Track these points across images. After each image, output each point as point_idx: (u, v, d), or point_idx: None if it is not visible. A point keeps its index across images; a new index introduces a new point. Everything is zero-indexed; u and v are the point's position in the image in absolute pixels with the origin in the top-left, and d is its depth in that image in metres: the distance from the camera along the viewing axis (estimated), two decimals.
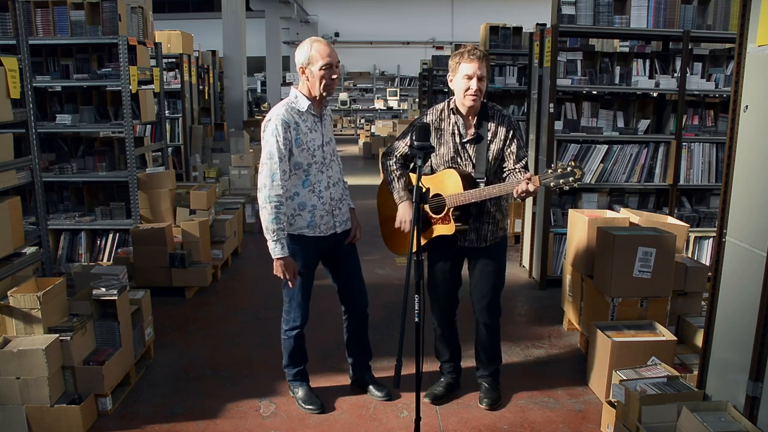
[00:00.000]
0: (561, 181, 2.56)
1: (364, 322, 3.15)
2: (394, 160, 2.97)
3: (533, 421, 2.97)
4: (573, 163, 2.57)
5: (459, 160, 2.86)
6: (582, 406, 3.10)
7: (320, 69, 2.71)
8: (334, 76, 2.75)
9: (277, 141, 2.72)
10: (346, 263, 3.05)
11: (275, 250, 2.77)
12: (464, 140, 2.85)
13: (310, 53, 2.72)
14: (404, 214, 2.90)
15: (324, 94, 2.78)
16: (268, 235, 2.77)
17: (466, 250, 2.95)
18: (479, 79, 2.71)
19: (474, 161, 2.84)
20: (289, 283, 2.84)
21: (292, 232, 2.86)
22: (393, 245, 3.11)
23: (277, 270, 2.81)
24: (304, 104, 2.79)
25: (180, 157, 7.76)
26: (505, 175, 2.84)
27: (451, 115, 2.87)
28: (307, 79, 2.76)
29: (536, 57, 4.89)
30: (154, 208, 5.08)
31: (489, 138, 2.83)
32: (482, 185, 2.77)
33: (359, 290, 3.08)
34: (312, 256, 2.94)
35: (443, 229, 2.83)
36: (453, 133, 2.86)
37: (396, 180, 2.96)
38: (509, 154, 2.83)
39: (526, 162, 2.87)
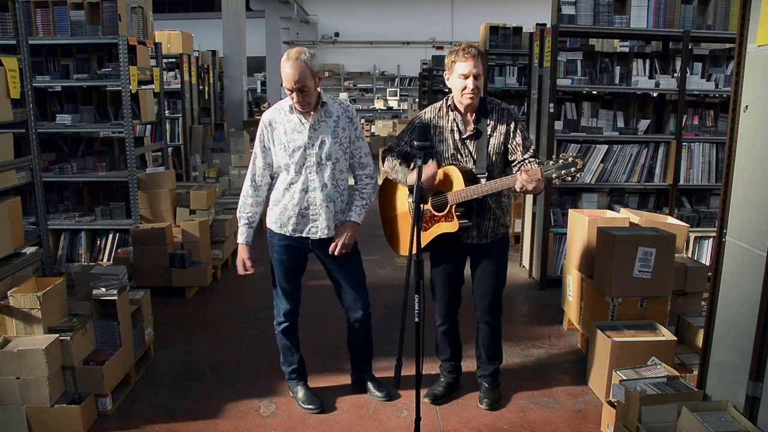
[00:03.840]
0: (563, 172, 2.55)
1: (363, 326, 3.12)
2: (395, 155, 2.96)
3: (533, 421, 2.97)
4: (573, 154, 2.56)
5: (459, 156, 2.86)
6: (582, 406, 3.10)
7: (286, 88, 2.72)
8: (297, 99, 2.71)
9: (257, 139, 2.89)
10: (339, 271, 3.01)
11: (237, 235, 3.00)
12: (464, 136, 2.85)
13: (281, 70, 2.71)
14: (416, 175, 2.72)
15: (298, 108, 2.77)
16: (238, 222, 3.00)
17: (468, 247, 2.94)
18: (475, 77, 2.71)
19: (475, 157, 2.84)
20: (237, 267, 2.99)
21: (267, 225, 3.00)
22: (395, 245, 3.11)
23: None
24: (286, 105, 2.84)
25: (180, 157, 7.76)
26: (516, 168, 2.81)
27: (450, 112, 2.87)
28: None
29: (536, 57, 4.89)
30: (154, 208, 5.08)
31: (489, 132, 2.83)
32: (483, 181, 2.76)
33: (355, 297, 3.03)
34: (287, 252, 2.94)
35: (446, 226, 2.82)
36: (452, 130, 2.86)
37: (398, 164, 2.91)
38: (515, 146, 2.82)
39: (535, 151, 2.85)
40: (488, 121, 2.83)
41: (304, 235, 2.90)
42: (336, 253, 2.88)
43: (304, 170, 2.83)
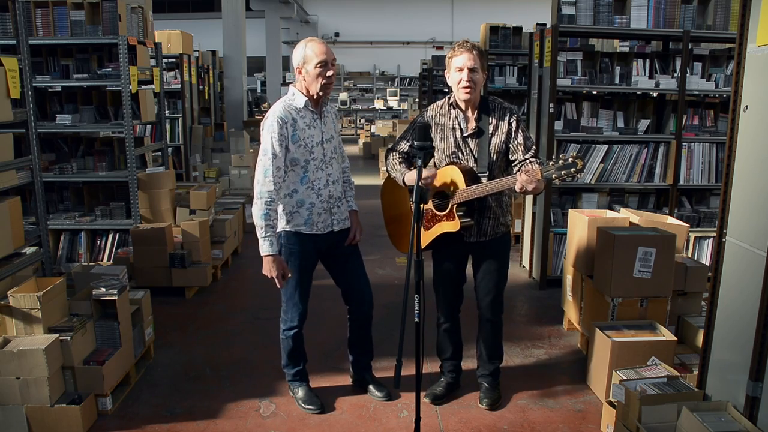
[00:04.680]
0: (563, 172, 2.54)
1: (367, 323, 3.14)
2: (397, 155, 2.97)
3: (533, 421, 2.97)
4: (574, 155, 2.55)
5: (460, 155, 2.86)
6: (582, 406, 3.10)
7: (316, 67, 2.71)
8: (330, 73, 2.74)
9: (272, 138, 2.74)
10: (348, 264, 3.04)
11: (263, 247, 2.76)
12: (465, 135, 2.85)
13: (305, 53, 2.74)
14: (414, 175, 2.62)
15: (321, 93, 2.78)
16: (258, 231, 2.76)
17: (469, 246, 2.95)
18: (470, 70, 2.72)
19: (476, 156, 2.84)
20: (277, 282, 2.82)
21: (290, 230, 2.88)
22: (398, 244, 3.12)
23: (266, 268, 2.79)
24: (300, 101, 2.80)
25: (180, 157, 7.76)
26: (516, 167, 2.81)
27: (452, 110, 2.87)
28: (304, 79, 2.78)
29: (536, 57, 4.89)
30: (154, 208, 5.08)
31: (490, 131, 2.83)
32: (484, 180, 2.76)
33: (362, 292, 3.06)
34: (309, 255, 2.93)
35: (448, 225, 2.82)
36: (453, 128, 2.86)
37: (399, 164, 2.93)
38: (517, 146, 2.82)
39: (536, 150, 2.85)
40: (490, 119, 2.83)
41: (330, 229, 2.92)
42: (356, 240, 3.00)
43: (323, 165, 2.84)
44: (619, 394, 2.56)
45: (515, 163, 2.83)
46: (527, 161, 2.77)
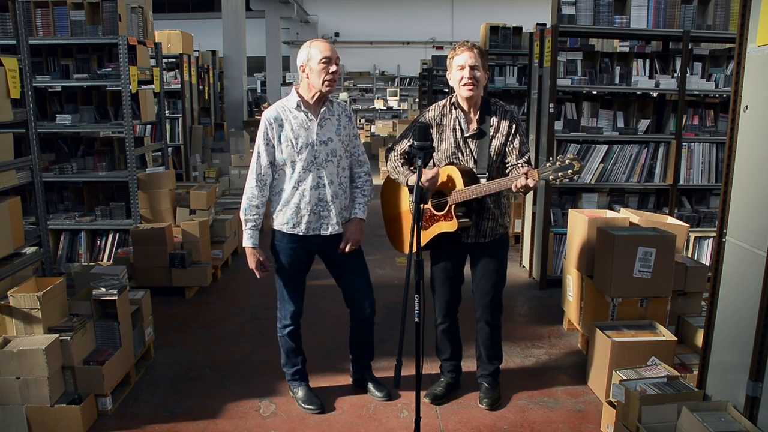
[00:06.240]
0: (560, 174, 2.55)
1: (367, 327, 3.13)
2: (398, 155, 2.97)
3: (533, 421, 2.97)
4: (571, 156, 2.56)
5: (460, 155, 2.86)
6: (582, 406, 3.10)
7: (319, 63, 2.74)
8: (333, 69, 2.76)
9: (259, 137, 2.84)
10: (346, 269, 3.02)
11: (244, 238, 2.91)
12: (466, 135, 2.85)
13: (309, 51, 2.78)
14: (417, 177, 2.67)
15: (324, 90, 2.78)
16: (243, 225, 2.91)
17: (467, 246, 2.95)
18: (471, 67, 2.74)
19: (476, 157, 2.84)
20: (255, 273, 2.93)
21: (275, 227, 2.94)
22: (397, 244, 3.12)
23: (248, 260, 2.93)
24: (293, 102, 2.83)
25: (180, 157, 7.76)
26: (508, 170, 2.83)
27: (453, 110, 2.87)
28: (307, 77, 2.79)
29: (536, 57, 4.89)
30: (154, 208, 5.08)
31: (491, 133, 2.83)
32: (483, 181, 2.77)
33: (362, 298, 3.04)
34: (296, 254, 2.94)
35: (446, 225, 2.83)
36: (454, 129, 2.86)
37: (400, 166, 2.93)
38: (512, 149, 2.83)
39: (530, 157, 2.86)
40: (491, 121, 2.84)
41: (317, 232, 2.90)
42: (347, 250, 2.93)
43: (313, 167, 2.83)
44: (619, 394, 2.56)
45: (508, 166, 2.85)
46: (520, 166, 2.78)
